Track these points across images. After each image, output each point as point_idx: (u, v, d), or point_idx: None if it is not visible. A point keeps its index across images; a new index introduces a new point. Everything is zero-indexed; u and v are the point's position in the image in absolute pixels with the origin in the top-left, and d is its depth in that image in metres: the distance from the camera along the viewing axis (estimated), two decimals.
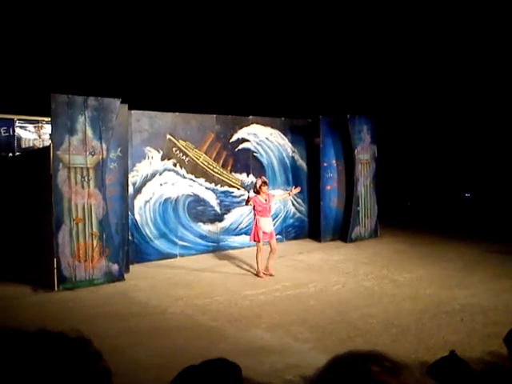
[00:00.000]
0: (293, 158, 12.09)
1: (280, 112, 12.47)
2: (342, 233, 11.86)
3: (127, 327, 5.93)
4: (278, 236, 11.69)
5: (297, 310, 6.53)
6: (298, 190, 9.06)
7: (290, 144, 12.03)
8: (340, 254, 10.41)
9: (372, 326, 5.90)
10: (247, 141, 11.26)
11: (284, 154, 11.93)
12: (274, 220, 11.56)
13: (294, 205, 12.09)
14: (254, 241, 8.47)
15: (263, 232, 8.36)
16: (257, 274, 8.43)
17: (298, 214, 12.15)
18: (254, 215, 8.52)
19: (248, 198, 8.65)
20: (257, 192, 8.47)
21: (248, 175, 11.28)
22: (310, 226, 12.23)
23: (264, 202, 8.43)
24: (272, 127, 11.72)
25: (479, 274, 8.35)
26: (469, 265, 9.06)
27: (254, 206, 8.47)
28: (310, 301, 6.99)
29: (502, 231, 12.09)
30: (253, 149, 11.36)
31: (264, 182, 8.46)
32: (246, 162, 11.24)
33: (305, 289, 7.66)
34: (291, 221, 12.03)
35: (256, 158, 11.43)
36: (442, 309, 6.50)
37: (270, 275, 8.38)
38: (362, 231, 11.89)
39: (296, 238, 12.01)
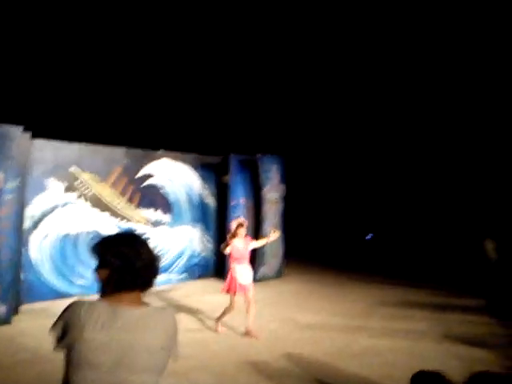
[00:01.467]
0: (202, 194, 12.00)
1: (191, 147, 12.39)
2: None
3: (11, 378, 5.40)
4: (184, 275, 11.45)
5: (198, 355, 6.31)
6: (277, 234, 7.90)
7: (199, 180, 11.95)
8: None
9: (275, 370, 5.84)
10: (154, 176, 11.03)
11: (193, 191, 11.81)
12: (179, 258, 11.39)
13: (201, 243, 11.93)
14: (227, 292, 7.33)
15: (239, 284, 7.22)
16: (216, 329, 7.43)
17: (204, 253, 11.99)
18: (230, 263, 7.49)
19: (225, 242, 7.45)
20: (233, 236, 7.39)
21: (155, 211, 11.01)
22: (217, 265, 12.10)
23: (242, 247, 7.40)
24: (182, 162, 11.60)
25: (379, 314, 8.65)
26: (371, 306, 9.37)
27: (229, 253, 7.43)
28: (213, 345, 6.81)
29: (404, 271, 12.73)
30: (160, 184, 11.13)
31: (240, 224, 7.45)
32: (152, 197, 10.96)
33: (208, 333, 7.48)
34: (197, 259, 11.84)
35: (163, 194, 11.20)
36: (342, 352, 6.60)
37: (253, 337, 7.17)
38: (268, 271, 11.95)
39: (201, 277, 11.80)
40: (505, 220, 10.70)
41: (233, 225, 7.57)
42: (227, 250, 7.41)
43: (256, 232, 11.98)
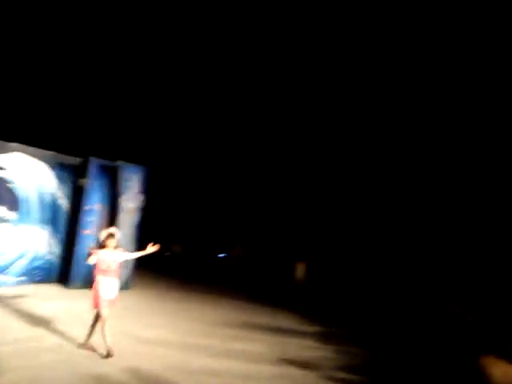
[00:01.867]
0: (55, 195, 11.33)
1: (49, 145, 11.65)
2: (93, 282, 11.36)
3: None
4: (23, 277, 10.66)
5: (26, 367, 5.91)
6: (156, 248, 7.28)
7: (54, 180, 11.28)
8: (87, 304, 9.88)
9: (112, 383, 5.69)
10: (4, 169, 10.20)
11: (45, 190, 11.12)
12: (19, 259, 10.59)
13: (47, 245, 11.22)
14: (95, 308, 6.89)
15: (102, 299, 6.82)
16: (107, 355, 6.66)
17: (48, 256, 11.28)
18: (95, 275, 6.95)
19: (89, 251, 6.97)
20: (101, 246, 6.92)
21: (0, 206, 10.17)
22: (61, 271, 11.45)
23: (109, 258, 6.90)
24: (38, 159, 10.89)
25: (220, 334, 8.87)
26: (213, 325, 9.55)
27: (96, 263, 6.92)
28: (44, 356, 6.42)
29: (256, 291, 13.16)
30: (8, 179, 10.32)
31: (111, 235, 6.98)
32: None
33: (40, 342, 7.04)
34: (40, 262, 11.10)
35: (11, 190, 10.39)
36: (181, 369, 6.63)
37: (91, 350, 6.80)
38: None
39: (43, 281, 11.06)
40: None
41: (102, 234, 7.08)
42: (91, 260, 6.90)
43: None
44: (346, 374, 7.53)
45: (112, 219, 11.65)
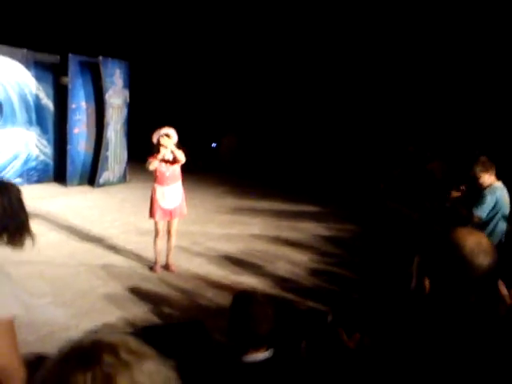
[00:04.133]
0: (37, 95, 11.12)
1: (21, 42, 11.15)
2: (90, 178, 11.59)
3: None
4: (18, 179, 10.80)
5: (34, 262, 6.23)
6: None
7: (33, 80, 11.00)
8: (87, 200, 10.20)
9: (114, 274, 6.06)
10: None
11: (26, 91, 10.88)
12: (13, 161, 10.66)
13: (37, 146, 11.24)
14: (150, 217, 6.22)
15: (160, 207, 6.07)
16: (151, 268, 6.31)
17: (42, 157, 11.35)
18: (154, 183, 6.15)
19: (147, 159, 6.02)
20: (157, 151, 5.97)
21: None
22: (56, 170, 11.61)
23: (164, 164, 6.02)
24: (11, 58, 10.51)
25: (217, 221, 9.22)
26: (210, 212, 9.89)
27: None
28: (50, 251, 6.74)
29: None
30: None
31: (166, 135, 5.95)
32: None
33: (44, 238, 7.33)
34: (34, 163, 11.20)
35: None
36: (183, 252, 7.00)
37: (170, 271, 6.29)
38: (111, 176, 11.80)
39: (39, 181, 11.25)
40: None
41: (154, 136, 6.02)
42: (151, 167, 6.00)
43: (98, 138, 11.63)
44: (335, 248, 7.95)
45: (99, 116, 11.55)
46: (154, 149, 6.00)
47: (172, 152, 5.95)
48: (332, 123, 14.93)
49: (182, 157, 5.99)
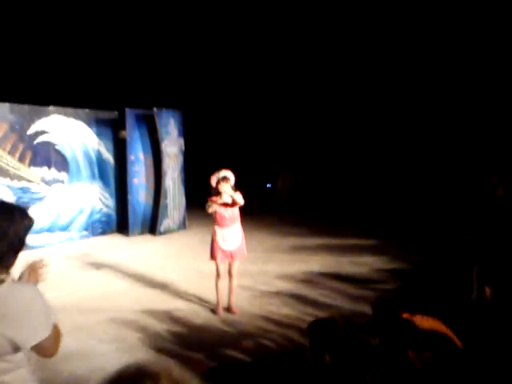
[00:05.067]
0: (98, 151, 11.73)
1: (83, 103, 11.92)
2: (151, 226, 11.93)
3: None
4: (84, 232, 11.30)
5: (103, 309, 6.43)
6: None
7: (95, 136, 11.63)
8: (148, 248, 10.48)
9: (178, 318, 6.13)
10: (47, 133, 10.58)
11: (89, 147, 11.50)
12: (79, 215, 11.16)
13: (100, 199, 11.76)
14: (212, 259, 6.32)
15: (221, 249, 6.14)
16: (214, 310, 6.34)
17: (104, 209, 11.84)
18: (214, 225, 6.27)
19: (207, 201, 6.15)
20: (215, 193, 6.10)
21: (49, 169, 10.64)
22: (118, 221, 12.04)
23: (223, 207, 6.11)
24: (75, 118, 11.20)
25: (277, 260, 9.21)
26: (268, 251, 9.91)
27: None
28: (118, 298, 6.95)
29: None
30: (54, 141, 10.72)
31: (224, 178, 6.03)
32: (46, 155, 10.56)
33: (111, 286, 7.58)
34: (98, 216, 11.68)
35: (58, 152, 10.82)
36: (249, 292, 7.02)
37: (232, 313, 6.30)
38: (171, 224, 12.10)
39: (103, 233, 11.70)
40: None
41: (213, 180, 6.11)
42: (211, 210, 6.10)
43: (157, 187, 12.02)
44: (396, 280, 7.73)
45: (157, 166, 11.98)
46: (213, 191, 6.12)
47: (231, 195, 6.04)
48: (392, 156, 14.73)
49: (240, 200, 6.06)
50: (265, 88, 16.55)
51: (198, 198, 9.79)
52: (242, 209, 6.34)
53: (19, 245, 2.00)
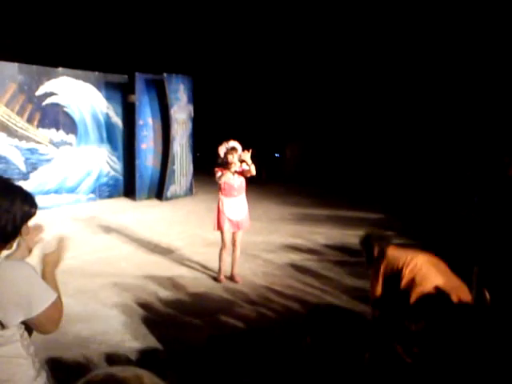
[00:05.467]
0: (107, 114, 11.67)
1: (93, 65, 11.79)
2: (158, 191, 11.96)
3: None
4: (91, 195, 11.35)
5: (107, 274, 6.50)
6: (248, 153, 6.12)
7: (104, 100, 11.56)
8: (155, 213, 10.52)
9: (180, 285, 6.19)
10: (56, 94, 10.52)
11: (98, 111, 11.45)
12: (86, 178, 11.20)
13: (108, 162, 11.77)
14: (214, 229, 6.35)
15: (228, 219, 6.17)
16: (216, 278, 6.42)
17: (112, 172, 11.87)
18: (219, 195, 6.27)
19: (215, 170, 6.16)
20: (223, 163, 6.15)
21: (57, 131, 10.63)
22: (126, 185, 12.09)
23: (231, 176, 6.13)
24: (84, 81, 11.11)
25: (282, 231, 9.23)
26: (273, 221, 9.92)
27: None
28: (122, 263, 7.01)
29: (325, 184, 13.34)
30: (62, 103, 10.67)
31: (232, 148, 6.08)
32: (55, 117, 10.54)
33: (116, 251, 7.64)
34: (105, 179, 11.72)
35: (67, 114, 10.78)
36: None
37: (234, 281, 6.37)
38: (178, 190, 12.12)
39: (110, 196, 11.76)
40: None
41: (221, 150, 6.13)
42: (224, 179, 6.08)
43: (165, 153, 12.00)
44: None
45: (165, 132, 11.93)
46: (220, 161, 6.14)
47: (242, 164, 6.07)
48: (403, 128, 14.53)
49: (253, 170, 6.06)
50: (276, 56, 16.26)
51: (205, 165, 9.74)
52: (248, 178, 6.32)
53: (12, 231, 1.87)
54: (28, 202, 1.91)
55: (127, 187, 12.03)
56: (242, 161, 6.13)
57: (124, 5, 15.20)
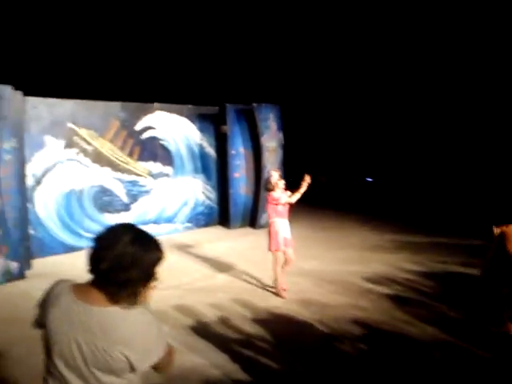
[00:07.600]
0: (201, 145, 12.09)
1: (185, 99, 12.33)
2: (251, 219, 12.09)
3: (29, 333, 5.68)
4: (188, 224, 11.72)
5: (207, 304, 6.60)
6: (308, 180, 6.83)
7: (197, 132, 12.00)
8: (249, 241, 10.61)
9: (276, 316, 6.15)
10: (153, 128, 11.08)
11: (192, 142, 11.90)
12: (183, 208, 11.61)
13: (203, 192, 12.13)
14: (273, 250, 6.85)
15: (284, 238, 6.78)
16: (277, 293, 6.94)
17: (207, 202, 12.21)
18: (270, 217, 6.86)
19: (270, 196, 6.78)
20: (271, 189, 6.78)
21: (155, 163, 11.15)
22: (220, 213, 12.37)
23: (283, 200, 6.76)
24: (178, 114, 11.62)
25: (374, 260, 8.94)
26: (368, 249, 9.65)
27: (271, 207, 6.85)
28: (219, 293, 7.10)
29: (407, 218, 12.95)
30: (160, 137, 11.20)
31: (280, 176, 6.91)
32: (153, 150, 11.07)
33: (213, 280, 7.77)
34: (201, 208, 12.07)
35: (163, 146, 11.29)
36: (348, 290, 6.89)
37: (283, 289, 6.96)
38: None
39: (206, 225, 12.08)
40: None
41: (273, 177, 6.81)
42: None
43: (257, 180, 12.14)
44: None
45: (256, 160, 12.10)
46: (271, 187, 6.78)
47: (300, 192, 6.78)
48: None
49: (295, 198, 6.79)
50: (356, 83, 16.15)
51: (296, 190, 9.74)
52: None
53: (148, 276, 1.98)
54: (160, 248, 2.03)
55: (221, 216, 12.31)
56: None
57: (212, 39, 15.82)
